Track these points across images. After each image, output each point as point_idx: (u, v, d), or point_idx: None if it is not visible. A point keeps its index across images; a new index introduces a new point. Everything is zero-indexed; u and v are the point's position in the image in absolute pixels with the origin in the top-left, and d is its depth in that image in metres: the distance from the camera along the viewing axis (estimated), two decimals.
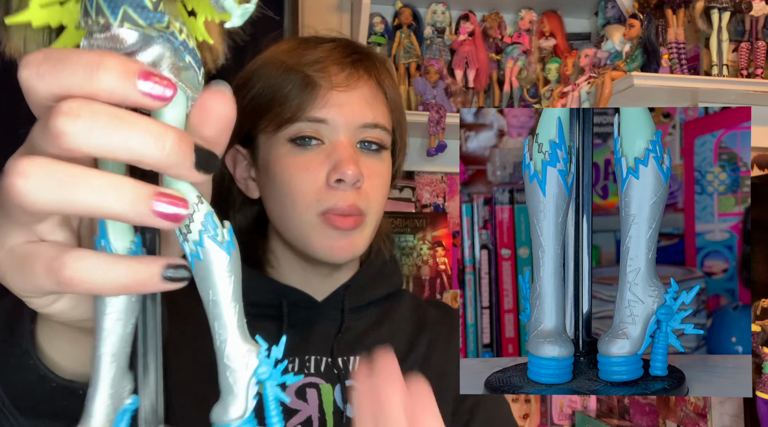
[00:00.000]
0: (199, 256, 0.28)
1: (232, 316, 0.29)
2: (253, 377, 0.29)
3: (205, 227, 0.28)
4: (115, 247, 0.28)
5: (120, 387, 0.29)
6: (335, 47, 0.69)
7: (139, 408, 0.29)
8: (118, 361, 0.28)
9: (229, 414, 0.29)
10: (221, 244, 0.28)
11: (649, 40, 1.35)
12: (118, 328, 0.28)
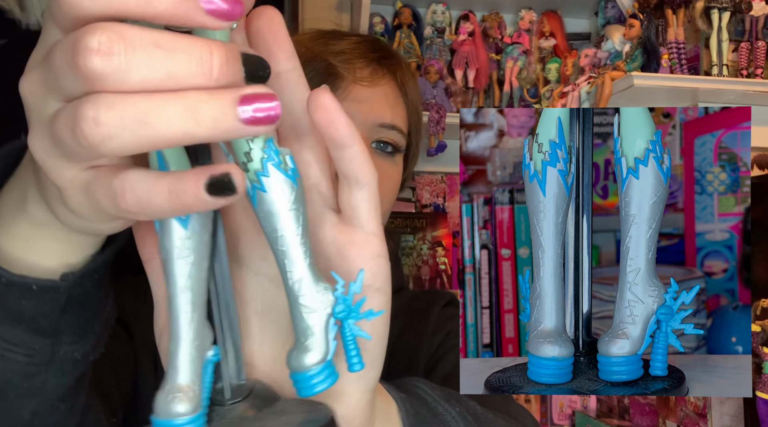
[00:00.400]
0: (263, 187, 0.25)
1: (303, 252, 0.26)
2: (331, 317, 0.27)
3: (268, 154, 0.25)
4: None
5: (203, 337, 0.26)
6: (362, 41, 0.68)
7: (222, 360, 0.27)
8: (198, 309, 0.26)
9: (308, 359, 0.26)
10: (286, 172, 0.25)
11: (649, 40, 1.35)
12: (193, 272, 0.25)
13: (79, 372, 0.34)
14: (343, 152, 0.28)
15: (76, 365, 0.33)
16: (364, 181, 0.29)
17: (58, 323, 0.31)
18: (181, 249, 0.24)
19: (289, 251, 0.26)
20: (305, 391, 0.27)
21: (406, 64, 0.71)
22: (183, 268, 0.25)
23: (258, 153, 0.25)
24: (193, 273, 0.25)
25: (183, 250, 0.24)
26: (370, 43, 0.68)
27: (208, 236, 0.25)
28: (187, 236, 0.24)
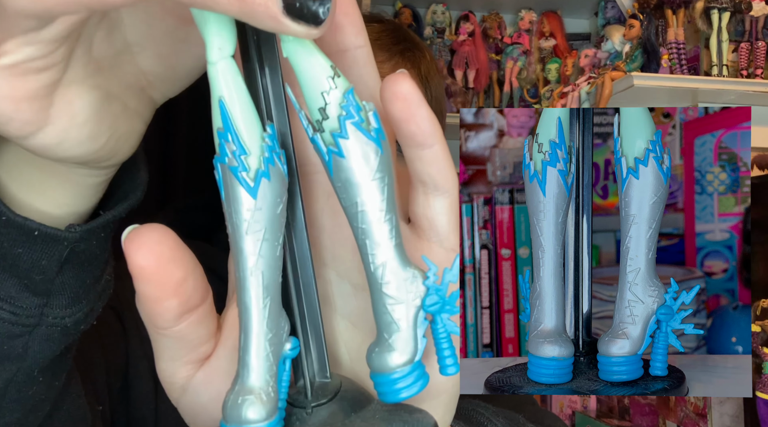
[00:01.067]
0: (340, 152, 0.21)
1: (388, 231, 0.22)
2: (421, 311, 0.23)
3: (347, 111, 0.21)
4: (247, 142, 0.20)
5: (278, 328, 0.22)
6: (383, 30, 0.62)
7: (301, 355, 0.23)
8: (271, 295, 0.21)
9: (393, 359, 0.22)
10: (369, 133, 0.21)
11: (649, 40, 1.35)
12: (265, 251, 0.21)
13: (66, 342, 0.31)
14: (422, 152, 0.23)
15: (65, 332, 0.30)
16: (445, 187, 0.24)
17: (52, 282, 0.29)
18: (251, 223, 0.20)
19: (371, 230, 0.22)
20: (389, 396, 0.23)
21: (431, 56, 0.65)
22: (253, 245, 0.21)
23: (335, 109, 0.21)
24: (264, 252, 0.21)
25: (252, 224, 0.20)
26: (392, 32, 0.62)
27: (283, 208, 0.21)
28: (257, 207, 0.20)
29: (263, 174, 0.20)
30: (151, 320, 0.22)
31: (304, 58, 0.20)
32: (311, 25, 0.18)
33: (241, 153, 0.20)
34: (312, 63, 0.21)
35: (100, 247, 0.30)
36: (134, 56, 0.25)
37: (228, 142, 0.20)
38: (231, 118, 0.20)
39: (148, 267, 0.20)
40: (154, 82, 0.27)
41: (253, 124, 0.20)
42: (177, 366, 0.25)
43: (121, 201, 0.30)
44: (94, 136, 0.24)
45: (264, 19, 0.18)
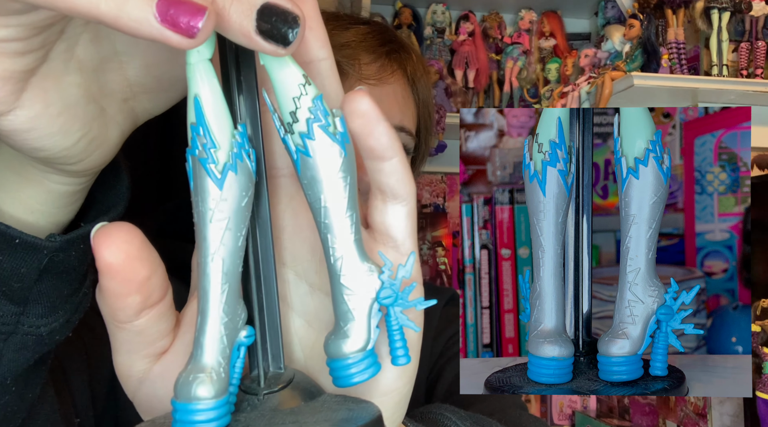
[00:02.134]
0: (307, 152, 0.23)
1: (348, 227, 0.24)
2: (375, 302, 0.24)
3: (315, 115, 0.23)
4: (217, 137, 0.22)
5: (234, 314, 0.23)
6: (369, 32, 0.61)
7: (256, 343, 0.25)
8: (230, 281, 0.23)
9: (347, 346, 0.24)
10: (334, 136, 0.23)
11: (649, 40, 1.35)
12: (227, 240, 0.22)
13: (41, 351, 0.31)
14: (381, 165, 0.25)
15: (39, 342, 0.30)
16: (402, 196, 0.26)
17: (30, 290, 0.29)
18: (215, 212, 0.22)
19: (332, 224, 0.24)
20: (342, 380, 0.24)
21: (417, 57, 0.65)
22: (216, 233, 0.22)
23: (305, 113, 0.23)
24: (226, 240, 0.22)
25: (217, 213, 0.22)
26: (379, 33, 0.62)
27: (248, 201, 0.23)
28: (223, 198, 0.22)
29: (231, 167, 0.22)
30: (112, 314, 0.23)
31: (279, 66, 0.23)
32: (280, 46, 0.20)
33: (211, 147, 0.22)
34: (286, 71, 0.23)
35: (79, 258, 0.30)
36: (122, 65, 0.26)
37: (199, 135, 0.22)
38: (204, 114, 0.22)
39: (115, 264, 0.21)
40: (138, 93, 0.27)
41: (225, 122, 0.22)
42: (134, 360, 0.25)
43: (102, 214, 0.30)
44: (65, 131, 0.24)
45: (238, 36, 0.20)
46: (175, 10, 0.19)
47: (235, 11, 0.20)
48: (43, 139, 0.24)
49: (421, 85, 0.63)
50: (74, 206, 0.29)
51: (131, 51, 0.26)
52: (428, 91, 0.65)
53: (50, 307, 0.30)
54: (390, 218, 0.26)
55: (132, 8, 0.19)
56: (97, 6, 0.19)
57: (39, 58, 0.23)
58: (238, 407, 0.24)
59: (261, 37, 0.20)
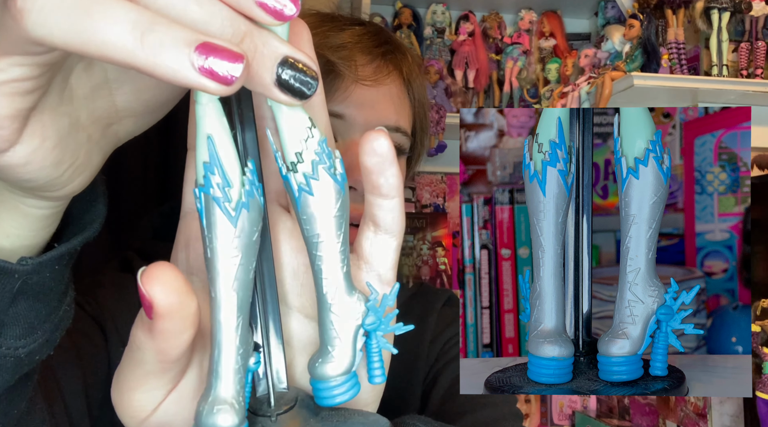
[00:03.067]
0: (310, 191, 0.24)
1: (341, 260, 0.25)
2: (360, 328, 0.26)
3: (320, 157, 0.24)
4: (230, 176, 0.23)
5: (247, 344, 0.24)
6: (365, 33, 0.61)
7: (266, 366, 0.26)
8: (243, 314, 0.24)
9: (332, 369, 0.26)
10: (336, 177, 0.24)
11: (649, 40, 1.35)
12: (240, 274, 0.23)
13: (20, 372, 0.31)
14: (383, 201, 0.27)
15: (18, 363, 0.30)
16: (394, 232, 0.27)
17: (6, 312, 0.29)
18: (230, 248, 0.23)
19: (326, 258, 0.25)
20: (325, 400, 0.26)
21: (412, 57, 0.65)
22: (230, 269, 0.23)
23: (310, 154, 0.24)
24: (240, 275, 0.23)
25: (231, 249, 0.23)
26: (374, 35, 0.62)
27: (258, 236, 0.24)
28: (237, 235, 0.23)
29: (244, 205, 0.23)
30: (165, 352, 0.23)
31: (288, 110, 0.23)
32: (296, 98, 0.21)
33: (225, 185, 0.22)
34: (294, 115, 0.24)
35: (56, 279, 0.30)
36: (112, 92, 0.26)
37: (214, 175, 0.22)
38: (217, 154, 0.22)
39: (174, 303, 0.21)
40: (124, 117, 0.27)
41: (235, 160, 0.23)
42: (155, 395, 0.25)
43: (78, 233, 0.30)
44: (57, 163, 0.24)
45: (257, 87, 0.21)
46: (213, 57, 0.19)
47: (256, 61, 0.20)
48: (35, 171, 0.24)
49: (416, 85, 0.63)
50: (50, 228, 0.29)
51: (122, 78, 0.26)
52: (424, 91, 0.65)
53: (27, 328, 0.30)
54: (378, 249, 0.28)
55: (170, 56, 0.19)
56: (133, 54, 0.19)
57: (43, 92, 0.23)
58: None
59: (279, 89, 0.21)
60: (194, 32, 0.19)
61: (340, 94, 0.57)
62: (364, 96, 0.58)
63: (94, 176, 0.27)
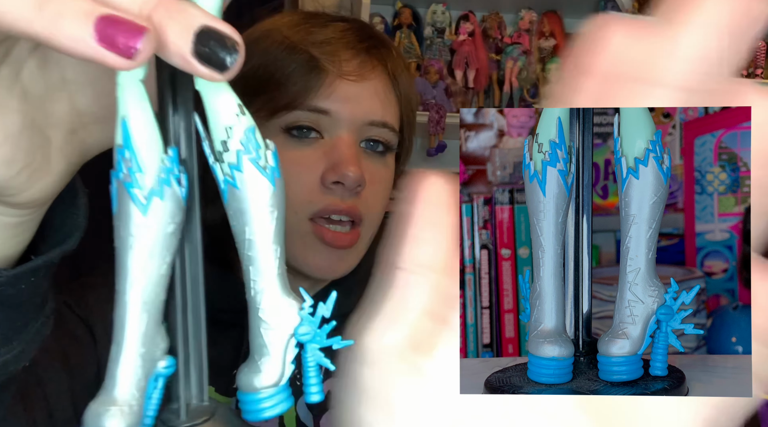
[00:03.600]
0: (235, 183, 0.22)
1: (272, 261, 0.23)
2: (292, 338, 0.24)
3: (246, 147, 0.22)
4: (144, 161, 0.21)
5: (152, 345, 0.23)
6: (348, 29, 0.60)
7: (178, 374, 0.24)
8: (149, 311, 0.22)
9: (260, 380, 0.24)
10: (264, 170, 0.23)
11: None
12: (149, 267, 0.22)
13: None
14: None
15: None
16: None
17: None
18: (137, 238, 0.21)
19: (256, 257, 0.23)
20: (252, 414, 0.24)
21: (397, 53, 0.64)
22: (137, 260, 0.21)
23: (235, 143, 0.22)
24: (148, 268, 0.22)
25: (139, 239, 0.21)
26: (358, 30, 0.61)
27: (176, 228, 0.22)
28: (147, 225, 0.21)
29: (156, 193, 0.21)
30: None
31: (213, 93, 0.22)
32: (216, 71, 0.20)
33: (137, 171, 0.21)
34: (220, 99, 0.22)
35: (32, 291, 0.29)
36: (71, 94, 0.25)
37: (125, 158, 0.21)
38: (131, 137, 0.21)
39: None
40: (88, 124, 0.26)
41: (154, 146, 0.21)
42: None
43: (57, 245, 0.29)
44: (7, 161, 0.23)
45: (174, 58, 0.20)
46: (113, 29, 0.18)
47: (172, 32, 0.19)
48: None
49: (402, 80, 0.62)
50: (22, 237, 0.28)
51: (81, 79, 0.25)
52: (410, 86, 0.64)
53: (2, 339, 0.29)
54: None
55: (68, 26, 0.18)
56: (30, 22, 0.18)
57: None
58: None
59: (197, 60, 0.20)
60: (95, 4, 0.18)
61: (324, 89, 0.56)
62: (349, 91, 0.57)
63: (61, 186, 0.26)
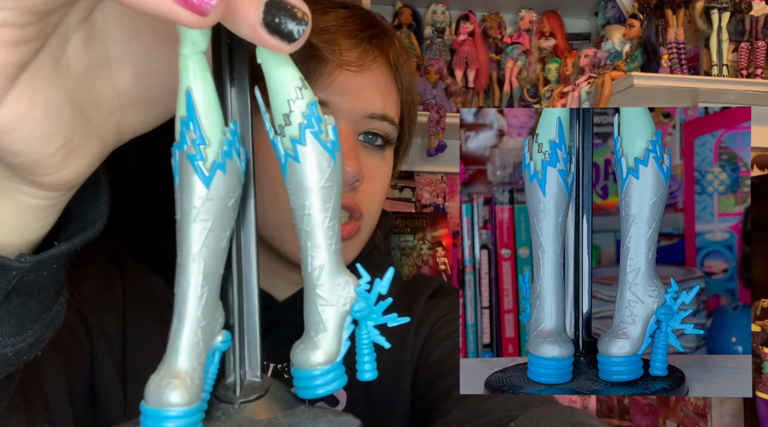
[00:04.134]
0: (297, 157, 0.22)
1: (330, 237, 0.23)
2: (348, 315, 0.24)
3: (309, 120, 0.22)
4: (208, 133, 0.21)
5: (212, 318, 0.22)
6: (350, 16, 0.58)
7: (232, 348, 0.24)
8: (210, 284, 0.22)
9: (315, 357, 0.23)
10: (325, 144, 0.22)
11: (649, 40, 1.35)
12: (210, 240, 0.22)
13: (6, 372, 0.30)
14: None
15: (5, 362, 0.29)
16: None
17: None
18: (200, 211, 0.21)
19: (314, 233, 0.23)
20: (306, 391, 0.24)
21: (400, 42, 0.62)
22: (199, 233, 0.21)
23: (297, 117, 0.22)
24: (209, 241, 0.21)
25: (202, 212, 0.21)
26: (360, 17, 0.59)
27: (235, 202, 0.22)
28: (209, 197, 0.21)
29: (219, 166, 0.21)
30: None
31: (276, 66, 0.22)
32: (284, 41, 0.20)
33: (200, 142, 0.21)
34: (282, 72, 0.22)
35: (51, 278, 0.29)
36: (113, 73, 0.25)
37: (189, 130, 0.21)
38: (195, 109, 0.21)
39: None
40: (126, 105, 0.26)
41: (216, 118, 0.21)
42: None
43: (79, 232, 0.29)
44: (46, 138, 0.23)
45: (242, 27, 0.20)
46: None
47: (242, 1, 0.19)
48: (22, 142, 0.22)
49: (404, 71, 0.60)
50: (46, 222, 0.28)
51: (124, 58, 0.25)
52: (411, 78, 0.62)
53: (18, 326, 0.29)
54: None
55: None
56: None
57: (32, 51, 0.21)
58: (212, 415, 0.24)
59: (266, 30, 0.20)
60: None
61: (323, 80, 0.54)
62: (349, 82, 0.55)
63: (92, 169, 0.26)
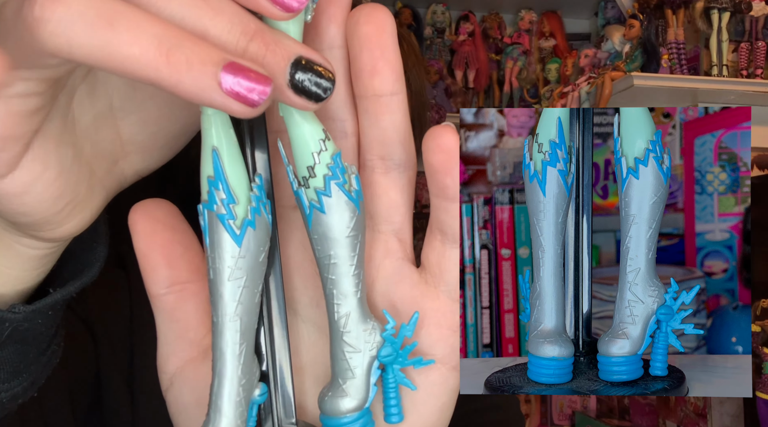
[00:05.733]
0: (322, 208, 0.22)
1: (355, 285, 0.23)
2: (375, 360, 0.24)
3: (333, 172, 0.22)
4: (236, 192, 0.21)
5: (251, 374, 0.23)
6: None
7: (270, 400, 0.24)
8: (247, 340, 0.22)
9: (344, 404, 0.24)
10: (350, 194, 0.23)
11: (648, 40, 1.35)
12: (245, 298, 0.22)
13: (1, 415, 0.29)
14: (449, 205, 0.25)
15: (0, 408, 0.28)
16: (457, 240, 0.25)
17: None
18: (234, 270, 0.21)
19: (339, 281, 0.23)
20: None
21: (409, 45, 0.62)
22: (234, 291, 0.21)
23: (322, 169, 0.22)
24: (244, 298, 0.22)
25: (236, 271, 0.21)
26: None
27: (265, 256, 0.22)
28: (241, 255, 0.21)
29: (249, 223, 0.21)
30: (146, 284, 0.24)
31: (300, 121, 0.22)
32: (311, 102, 0.20)
33: (230, 201, 0.21)
34: (307, 126, 0.22)
35: (47, 324, 0.28)
36: (116, 122, 0.25)
37: (218, 190, 0.21)
38: (222, 168, 0.21)
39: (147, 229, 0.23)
40: (131, 153, 0.26)
41: (242, 175, 0.22)
42: (170, 352, 0.25)
43: (75, 277, 0.28)
44: (57, 197, 0.23)
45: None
46: (239, 77, 0.18)
47: (268, 63, 0.19)
48: (33, 204, 0.22)
49: (413, 75, 0.60)
50: (44, 269, 0.27)
51: (127, 107, 0.24)
52: (422, 82, 0.62)
53: (12, 372, 0.28)
54: (446, 261, 0.26)
55: (196, 75, 0.18)
56: (157, 71, 0.18)
57: (46, 113, 0.21)
58: None
59: (293, 92, 0.20)
60: (221, 51, 0.18)
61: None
62: None
63: (95, 218, 0.26)
